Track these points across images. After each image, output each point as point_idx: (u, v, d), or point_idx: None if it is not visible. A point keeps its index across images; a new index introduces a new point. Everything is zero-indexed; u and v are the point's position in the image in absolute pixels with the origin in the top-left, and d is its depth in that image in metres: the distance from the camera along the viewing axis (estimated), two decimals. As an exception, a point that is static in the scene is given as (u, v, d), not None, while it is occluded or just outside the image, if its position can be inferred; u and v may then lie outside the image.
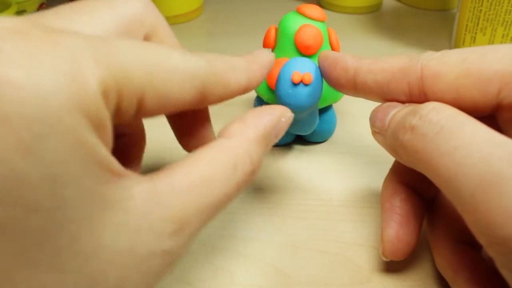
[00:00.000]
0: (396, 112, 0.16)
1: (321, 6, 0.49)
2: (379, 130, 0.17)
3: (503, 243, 0.11)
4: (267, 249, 0.20)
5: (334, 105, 0.27)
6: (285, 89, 0.20)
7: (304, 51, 0.23)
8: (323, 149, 0.27)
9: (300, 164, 0.26)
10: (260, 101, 0.28)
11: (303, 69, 0.20)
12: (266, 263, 0.20)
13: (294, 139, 0.27)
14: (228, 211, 0.22)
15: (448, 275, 0.17)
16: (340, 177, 0.24)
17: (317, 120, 0.24)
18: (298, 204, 0.23)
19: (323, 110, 0.26)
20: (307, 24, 0.23)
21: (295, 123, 0.23)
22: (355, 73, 0.18)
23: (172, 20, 0.46)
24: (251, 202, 0.23)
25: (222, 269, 0.19)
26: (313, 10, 0.24)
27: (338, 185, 0.24)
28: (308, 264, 0.19)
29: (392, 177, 0.19)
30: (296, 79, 0.20)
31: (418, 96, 0.16)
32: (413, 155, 0.14)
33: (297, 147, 0.27)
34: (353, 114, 0.30)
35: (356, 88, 0.18)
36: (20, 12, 0.44)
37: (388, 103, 0.17)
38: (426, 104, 0.15)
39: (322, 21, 0.24)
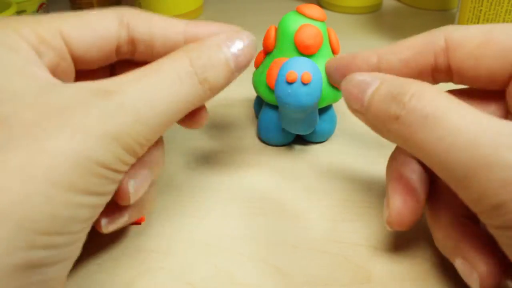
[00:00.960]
0: (374, 92, 0.16)
1: (321, 6, 0.49)
2: (358, 109, 0.17)
3: (496, 209, 0.13)
4: (267, 249, 0.20)
5: (334, 105, 0.27)
6: (284, 88, 0.20)
7: (304, 51, 0.23)
8: (323, 149, 0.27)
9: (300, 164, 0.26)
10: (260, 101, 0.28)
11: (302, 68, 0.20)
12: (266, 263, 0.20)
13: (294, 139, 0.27)
14: (227, 212, 0.22)
15: (448, 245, 0.17)
16: (340, 177, 0.24)
17: (317, 120, 0.24)
18: (298, 204, 0.23)
19: (323, 110, 0.26)
20: (307, 24, 0.23)
21: (295, 123, 0.23)
22: (379, 59, 0.18)
23: (172, 20, 0.46)
24: (251, 202, 0.23)
25: (222, 269, 0.19)
26: (313, 10, 0.24)
27: (338, 185, 0.24)
28: (308, 264, 0.19)
29: (400, 149, 0.19)
30: (291, 78, 0.20)
31: (443, 65, 0.17)
32: (401, 143, 0.15)
33: (297, 147, 0.27)
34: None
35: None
36: (20, 12, 0.44)
37: (355, 75, 0.17)
38: (406, 88, 0.15)
39: (322, 21, 0.24)
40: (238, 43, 0.17)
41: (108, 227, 0.18)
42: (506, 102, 0.17)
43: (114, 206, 0.18)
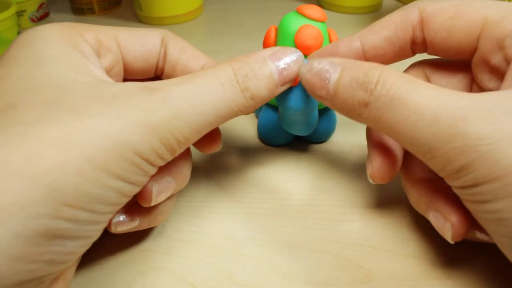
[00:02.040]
0: (338, 79, 0.17)
1: (321, 6, 0.49)
2: (323, 96, 0.18)
3: (458, 172, 0.15)
4: (267, 249, 0.20)
5: (334, 105, 0.27)
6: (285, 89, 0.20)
7: (304, 52, 0.23)
8: (323, 149, 0.27)
9: (300, 164, 0.26)
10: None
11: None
12: (266, 263, 0.20)
13: (294, 139, 0.27)
14: (227, 212, 0.22)
15: (423, 201, 0.19)
16: (340, 177, 0.25)
17: (317, 121, 0.24)
18: (298, 204, 0.23)
19: (323, 111, 0.26)
20: (307, 25, 0.23)
21: (295, 124, 0.23)
22: (362, 42, 0.19)
23: (172, 20, 0.46)
24: (251, 202, 0.23)
25: (222, 269, 0.19)
26: (314, 10, 0.24)
27: (338, 185, 0.24)
28: (308, 264, 0.20)
29: None
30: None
31: (419, 37, 0.19)
32: (372, 124, 0.17)
33: (297, 147, 0.27)
34: (353, 114, 0.30)
35: (366, 56, 0.20)
36: (20, 12, 0.44)
37: (313, 63, 0.18)
38: (370, 75, 0.16)
39: (322, 22, 0.24)
40: (284, 59, 0.18)
41: (117, 226, 0.18)
42: (471, 71, 0.19)
43: (128, 209, 0.18)
